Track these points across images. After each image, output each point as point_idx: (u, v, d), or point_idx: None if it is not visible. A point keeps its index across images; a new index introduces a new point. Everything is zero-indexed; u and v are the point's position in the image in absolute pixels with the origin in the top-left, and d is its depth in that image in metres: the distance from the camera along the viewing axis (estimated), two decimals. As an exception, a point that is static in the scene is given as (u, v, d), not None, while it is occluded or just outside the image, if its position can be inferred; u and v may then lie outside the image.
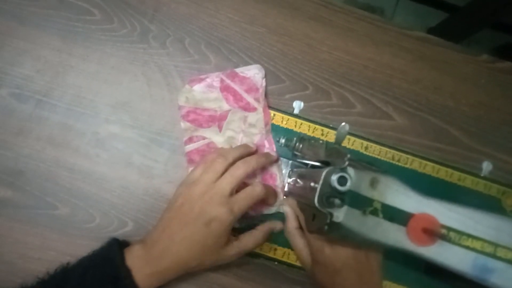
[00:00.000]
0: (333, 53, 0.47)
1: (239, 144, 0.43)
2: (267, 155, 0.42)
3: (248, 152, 0.41)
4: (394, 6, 1.27)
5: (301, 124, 0.45)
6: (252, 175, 0.42)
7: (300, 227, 0.40)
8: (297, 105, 0.46)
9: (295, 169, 0.44)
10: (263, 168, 0.43)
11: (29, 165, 0.43)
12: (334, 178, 0.30)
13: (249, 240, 0.39)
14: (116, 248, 0.36)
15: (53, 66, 0.44)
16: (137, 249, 0.36)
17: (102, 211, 0.43)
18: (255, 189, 0.38)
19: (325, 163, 0.37)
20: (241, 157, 0.39)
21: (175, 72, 0.45)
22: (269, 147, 0.44)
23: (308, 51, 0.47)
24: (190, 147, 0.43)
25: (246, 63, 0.46)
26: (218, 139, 0.44)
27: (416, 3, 1.27)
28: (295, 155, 0.42)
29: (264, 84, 0.44)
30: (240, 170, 0.37)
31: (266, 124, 0.44)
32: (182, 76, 0.45)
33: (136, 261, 0.35)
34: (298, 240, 0.39)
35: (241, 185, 0.38)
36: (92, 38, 0.45)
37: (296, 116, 0.45)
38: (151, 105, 0.45)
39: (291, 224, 0.40)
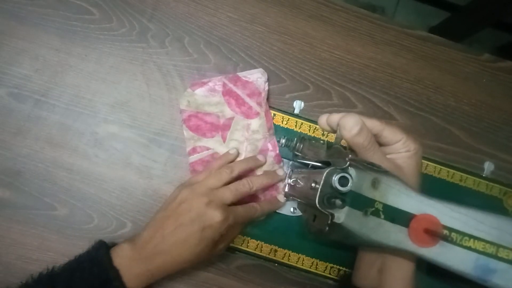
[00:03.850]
0: (334, 52, 0.47)
1: (243, 152, 0.43)
2: (274, 175, 0.42)
3: (256, 166, 0.42)
4: (395, 5, 1.27)
5: (301, 124, 0.45)
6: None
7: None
8: (298, 105, 0.45)
9: (295, 170, 0.44)
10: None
11: (28, 165, 0.42)
12: (335, 178, 0.29)
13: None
14: (103, 250, 0.35)
15: (51, 65, 0.44)
16: (125, 248, 0.35)
17: (100, 212, 0.42)
18: (256, 210, 0.39)
19: (326, 164, 0.36)
20: (248, 170, 0.41)
21: (174, 72, 0.45)
22: (273, 149, 0.43)
23: (309, 50, 0.47)
24: (194, 157, 0.43)
25: (246, 62, 0.46)
26: (222, 149, 0.43)
27: (417, 2, 1.27)
28: (296, 155, 0.42)
29: (266, 88, 0.44)
30: (245, 188, 0.39)
31: (269, 129, 0.43)
32: (182, 75, 0.45)
33: (124, 261, 0.34)
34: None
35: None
36: (91, 37, 0.45)
37: (297, 116, 0.45)
38: (150, 104, 0.44)
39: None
